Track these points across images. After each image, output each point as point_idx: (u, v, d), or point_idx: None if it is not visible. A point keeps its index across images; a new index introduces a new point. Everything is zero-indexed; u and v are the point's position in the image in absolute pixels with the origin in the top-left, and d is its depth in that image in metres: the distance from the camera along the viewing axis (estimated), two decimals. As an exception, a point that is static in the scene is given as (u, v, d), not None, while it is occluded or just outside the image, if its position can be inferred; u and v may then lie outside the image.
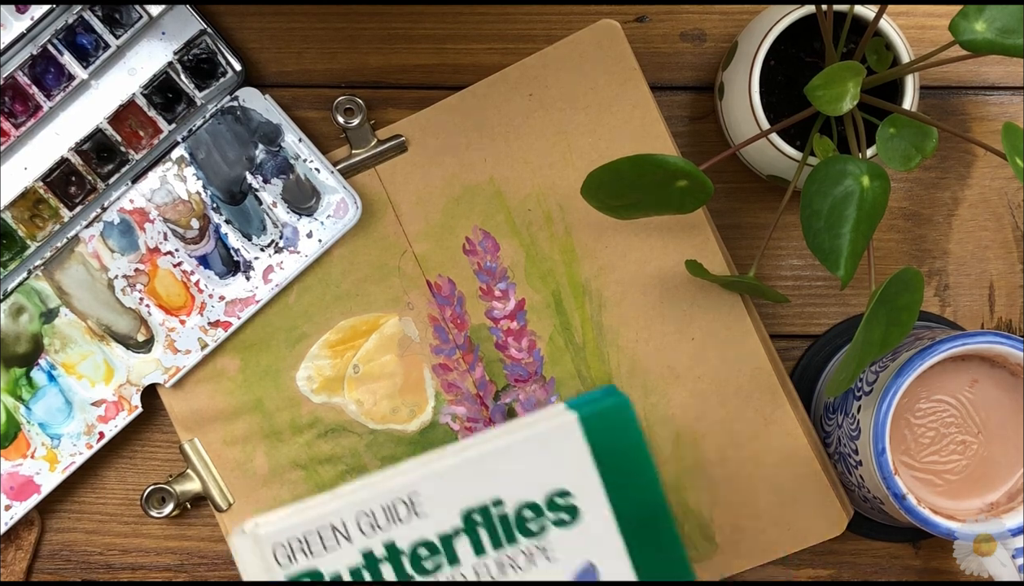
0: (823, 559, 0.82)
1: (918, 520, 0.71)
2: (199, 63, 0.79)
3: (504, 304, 0.80)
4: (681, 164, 0.69)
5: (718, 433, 0.79)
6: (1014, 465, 0.73)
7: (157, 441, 0.82)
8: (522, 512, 0.59)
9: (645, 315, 0.79)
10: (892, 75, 0.72)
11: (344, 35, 0.82)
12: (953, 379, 0.73)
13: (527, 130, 0.79)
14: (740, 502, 0.79)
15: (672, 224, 0.79)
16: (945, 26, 0.66)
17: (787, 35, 0.75)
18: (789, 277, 0.82)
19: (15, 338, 0.80)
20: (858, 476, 0.75)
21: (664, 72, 0.82)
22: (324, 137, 0.81)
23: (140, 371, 0.80)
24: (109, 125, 0.79)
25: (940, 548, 0.82)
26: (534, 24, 0.81)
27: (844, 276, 0.67)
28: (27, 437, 0.79)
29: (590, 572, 0.59)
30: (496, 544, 0.59)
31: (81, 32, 0.79)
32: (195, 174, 0.80)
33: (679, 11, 0.82)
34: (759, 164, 0.78)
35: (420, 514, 0.59)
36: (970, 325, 0.82)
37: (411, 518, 0.59)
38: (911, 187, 0.82)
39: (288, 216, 0.80)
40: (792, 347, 0.82)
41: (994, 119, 0.82)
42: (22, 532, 0.81)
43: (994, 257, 0.82)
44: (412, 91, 0.82)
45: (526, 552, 0.59)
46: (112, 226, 0.80)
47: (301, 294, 0.80)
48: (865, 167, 0.67)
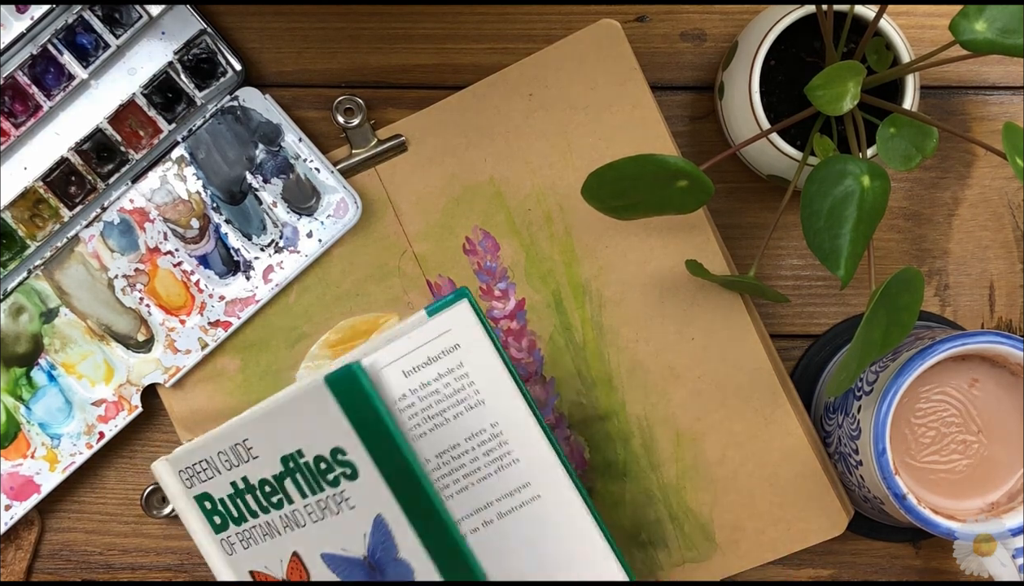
0: (823, 559, 0.82)
1: (918, 520, 0.71)
2: (199, 63, 0.79)
3: (504, 304, 0.80)
4: (681, 164, 0.69)
5: (718, 433, 0.79)
6: (1014, 465, 0.73)
7: (157, 441, 0.82)
8: (319, 464, 0.66)
9: (645, 315, 0.79)
10: (892, 75, 0.72)
11: (344, 35, 0.82)
12: (953, 379, 0.73)
13: (527, 130, 0.79)
14: (740, 502, 0.79)
15: (672, 224, 0.79)
16: (945, 26, 0.66)
17: (787, 35, 0.75)
18: (789, 277, 0.82)
19: (15, 338, 0.80)
20: (858, 476, 0.75)
21: (664, 72, 0.82)
22: (324, 137, 0.81)
23: (140, 371, 0.80)
24: (109, 125, 0.79)
25: (940, 548, 0.82)
26: (534, 24, 0.81)
27: (844, 276, 0.67)
28: (27, 437, 0.79)
29: (382, 523, 0.65)
30: (312, 490, 0.67)
31: (81, 32, 0.79)
32: (195, 174, 0.80)
33: (679, 11, 0.82)
34: (759, 164, 0.78)
35: (252, 457, 0.68)
36: (970, 325, 0.82)
37: (250, 459, 0.68)
38: (911, 187, 0.82)
39: (288, 216, 0.80)
40: (792, 347, 0.82)
41: (994, 119, 0.82)
42: (22, 532, 0.81)
43: (994, 257, 0.82)
44: (412, 91, 0.82)
45: (334, 499, 0.66)
46: (112, 226, 0.80)
47: (301, 294, 0.80)
48: (865, 167, 0.67)
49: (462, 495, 0.70)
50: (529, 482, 0.69)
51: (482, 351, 0.68)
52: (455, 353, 0.68)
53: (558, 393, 0.79)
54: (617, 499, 0.79)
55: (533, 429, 0.68)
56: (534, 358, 0.80)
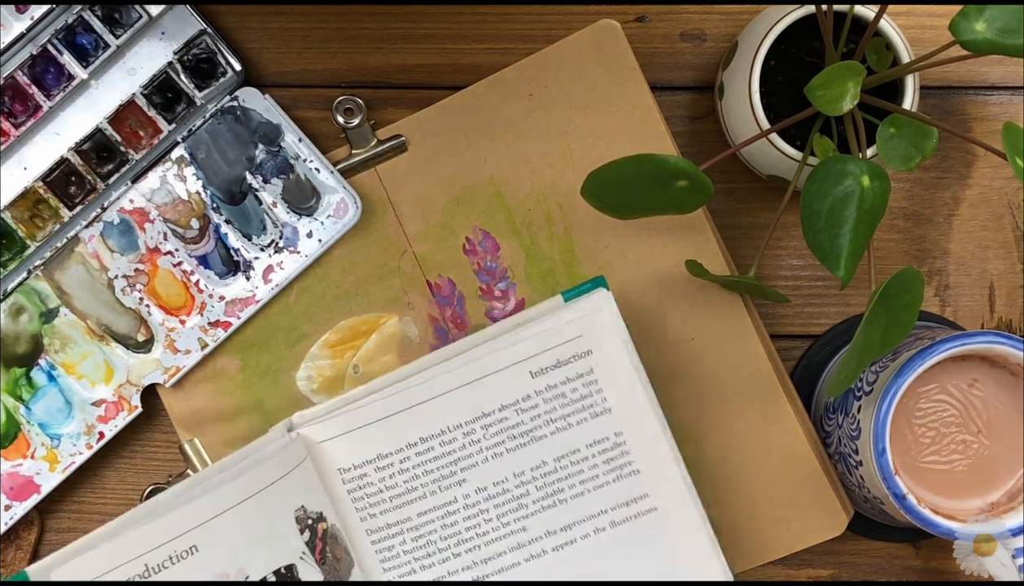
0: (823, 559, 0.82)
1: (918, 520, 0.71)
2: (199, 63, 0.79)
3: (504, 304, 0.80)
4: (681, 164, 0.69)
5: (718, 433, 0.79)
6: (1014, 465, 0.73)
7: (157, 441, 0.82)
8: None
9: (644, 315, 0.79)
10: (892, 75, 0.72)
11: (344, 35, 0.82)
12: (953, 379, 0.73)
13: (527, 130, 0.79)
14: (740, 502, 0.79)
15: (672, 224, 0.79)
16: (945, 26, 0.66)
17: (787, 35, 0.75)
18: (789, 277, 0.82)
19: (15, 338, 0.80)
20: (858, 476, 0.75)
21: (664, 72, 0.82)
22: (324, 137, 0.81)
23: (140, 371, 0.80)
24: (109, 125, 0.79)
25: (940, 548, 0.82)
26: (534, 24, 0.81)
27: (844, 276, 0.67)
28: (27, 437, 0.79)
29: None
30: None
31: (81, 32, 0.79)
32: (195, 174, 0.80)
33: (679, 11, 0.82)
34: (759, 164, 0.78)
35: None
36: (970, 325, 0.82)
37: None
38: (911, 187, 0.82)
39: (288, 216, 0.79)
40: (792, 347, 0.82)
41: (994, 119, 0.82)
42: (22, 532, 0.81)
43: (994, 257, 0.82)
44: (412, 91, 0.82)
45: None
46: (112, 226, 0.80)
47: (301, 294, 0.80)
48: (865, 167, 0.67)
49: (577, 500, 0.69)
50: (647, 493, 0.68)
51: (616, 360, 0.67)
52: (586, 358, 0.67)
53: (558, 393, 0.79)
54: (617, 499, 0.79)
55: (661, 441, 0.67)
56: (534, 358, 0.80)
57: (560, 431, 0.69)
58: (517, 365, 0.69)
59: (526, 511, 0.72)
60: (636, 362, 0.69)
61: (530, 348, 0.68)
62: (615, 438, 0.69)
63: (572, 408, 0.69)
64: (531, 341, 0.68)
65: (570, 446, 0.69)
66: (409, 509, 0.72)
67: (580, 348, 0.68)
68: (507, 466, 0.70)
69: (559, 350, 0.68)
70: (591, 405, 0.68)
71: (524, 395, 0.68)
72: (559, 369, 0.68)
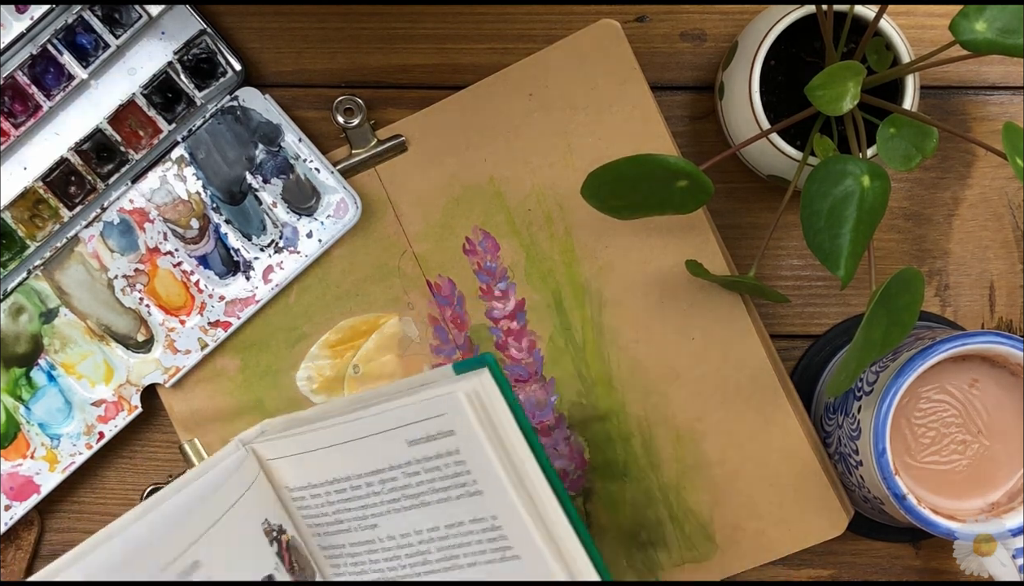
0: (823, 559, 0.82)
1: (918, 520, 0.71)
2: (199, 63, 0.79)
3: (504, 304, 0.80)
4: (681, 164, 0.69)
5: (718, 433, 0.79)
6: (1014, 465, 0.73)
7: (157, 441, 0.82)
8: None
9: (645, 315, 0.79)
10: (892, 75, 0.72)
11: (344, 35, 0.82)
12: (953, 379, 0.73)
13: (527, 130, 0.79)
14: (740, 502, 0.79)
15: (672, 224, 0.79)
16: (945, 26, 0.66)
17: (787, 35, 0.75)
18: (789, 277, 0.82)
19: (15, 338, 0.80)
20: (858, 476, 0.75)
21: (664, 72, 0.82)
22: (324, 137, 0.81)
23: (140, 371, 0.80)
24: (109, 125, 0.79)
25: (940, 548, 0.82)
26: (534, 24, 0.81)
27: (844, 276, 0.67)
28: (27, 437, 0.79)
29: None
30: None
31: (81, 32, 0.79)
32: (195, 174, 0.80)
33: (679, 11, 0.82)
34: (759, 164, 0.78)
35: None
36: (970, 325, 0.82)
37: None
38: (911, 187, 0.82)
39: (288, 216, 0.79)
40: (792, 347, 0.82)
41: (994, 119, 0.82)
42: (22, 532, 0.81)
43: (994, 257, 0.82)
44: (412, 91, 0.82)
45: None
46: (112, 226, 0.80)
47: (301, 294, 0.80)
48: (865, 167, 0.67)
49: (472, 569, 0.67)
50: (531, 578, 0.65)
51: (479, 446, 0.64)
52: (450, 438, 0.65)
53: (558, 393, 0.79)
54: (617, 499, 0.79)
55: (534, 532, 0.64)
56: (534, 358, 0.80)
57: (444, 502, 0.66)
58: (397, 430, 0.67)
59: (431, 567, 0.69)
60: (502, 451, 0.65)
61: (406, 415, 0.66)
62: (492, 521, 0.66)
63: (450, 483, 0.65)
64: (409, 409, 0.66)
65: (455, 518, 0.66)
66: (343, 537, 0.71)
67: (443, 427, 0.65)
68: (408, 522, 0.69)
69: (427, 424, 0.65)
70: (463, 484, 0.65)
71: (406, 461, 0.67)
72: (430, 443, 0.66)
